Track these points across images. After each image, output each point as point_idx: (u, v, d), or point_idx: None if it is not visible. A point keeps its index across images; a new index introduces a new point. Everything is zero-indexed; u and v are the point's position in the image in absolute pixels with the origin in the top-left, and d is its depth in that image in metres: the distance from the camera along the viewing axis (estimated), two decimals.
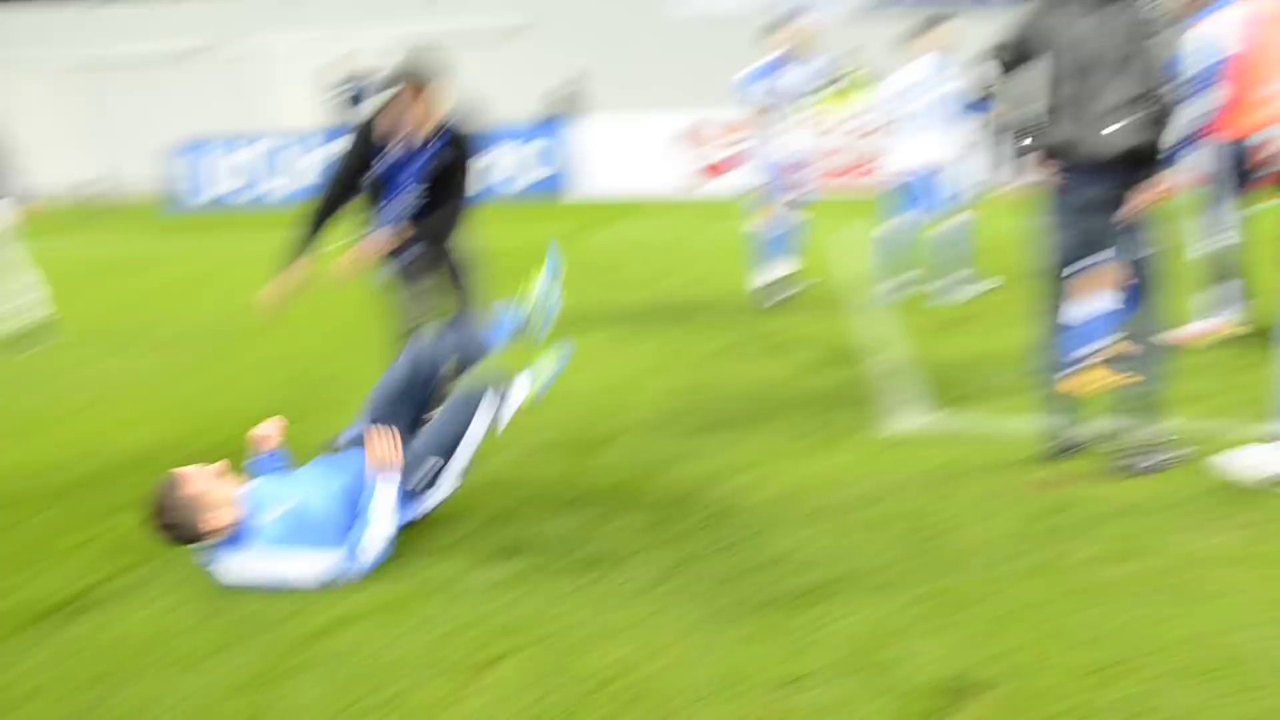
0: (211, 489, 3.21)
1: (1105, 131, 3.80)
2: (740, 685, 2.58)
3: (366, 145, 4.48)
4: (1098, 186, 3.86)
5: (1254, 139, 5.39)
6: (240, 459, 3.64)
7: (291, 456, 3.72)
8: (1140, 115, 3.79)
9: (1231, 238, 5.60)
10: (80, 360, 6.57)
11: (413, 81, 4.33)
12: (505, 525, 3.63)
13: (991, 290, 7.14)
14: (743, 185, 7.71)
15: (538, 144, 15.97)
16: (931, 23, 7.14)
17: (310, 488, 3.38)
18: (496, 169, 15.88)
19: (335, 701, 2.59)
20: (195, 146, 17.51)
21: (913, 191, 7.29)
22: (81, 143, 24.07)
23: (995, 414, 4.71)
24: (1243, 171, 5.48)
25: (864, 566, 3.23)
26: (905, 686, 2.55)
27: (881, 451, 4.30)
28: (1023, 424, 4.40)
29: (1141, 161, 3.82)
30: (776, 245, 7.23)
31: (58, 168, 23.63)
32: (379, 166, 4.46)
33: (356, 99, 14.56)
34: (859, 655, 2.70)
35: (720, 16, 19.02)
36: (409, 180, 4.53)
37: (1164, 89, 3.85)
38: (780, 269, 7.27)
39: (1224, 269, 5.64)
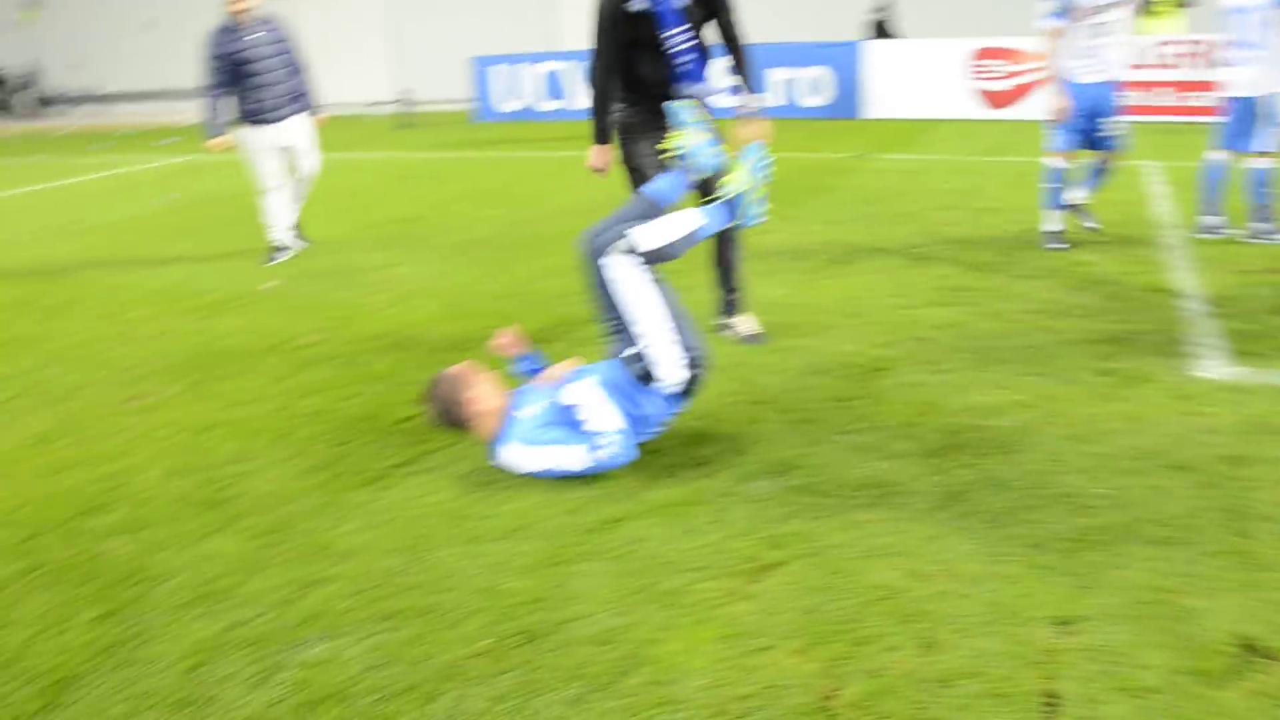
0: (474, 381, 3.55)
1: None
2: (1012, 620, 2.54)
3: None
4: None
5: None
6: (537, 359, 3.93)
7: (547, 359, 3.95)
8: None
9: None
10: (387, 261, 7.15)
11: None
12: (777, 444, 3.69)
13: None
14: (1038, 114, 7.25)
15: (832, 65, 15.68)
16: None
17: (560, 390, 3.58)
18: (792, 87, 15.78)
19: (614, 590, 2.76)
20: (494, 62, 18.28)
21: (1239, 123, 6.64)
22: (390, 59, 25.72)
23: None
24: None
25: (1152, 516, 3.06)
26: (1187, 642, 2.43)
27: (1179, 399, 4.01)
28: None
29: None
30: (1077, 180, 6.78)
31: (371, 83, 25.38)
32: None
33: None
34: (1140, 605, 2.59)
35: None
36: (675, 18, 4.51)
37: None
38: (1077, 204, 6.84)
39: None
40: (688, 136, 4.05)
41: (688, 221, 3.74)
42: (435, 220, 8.80)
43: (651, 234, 3.58)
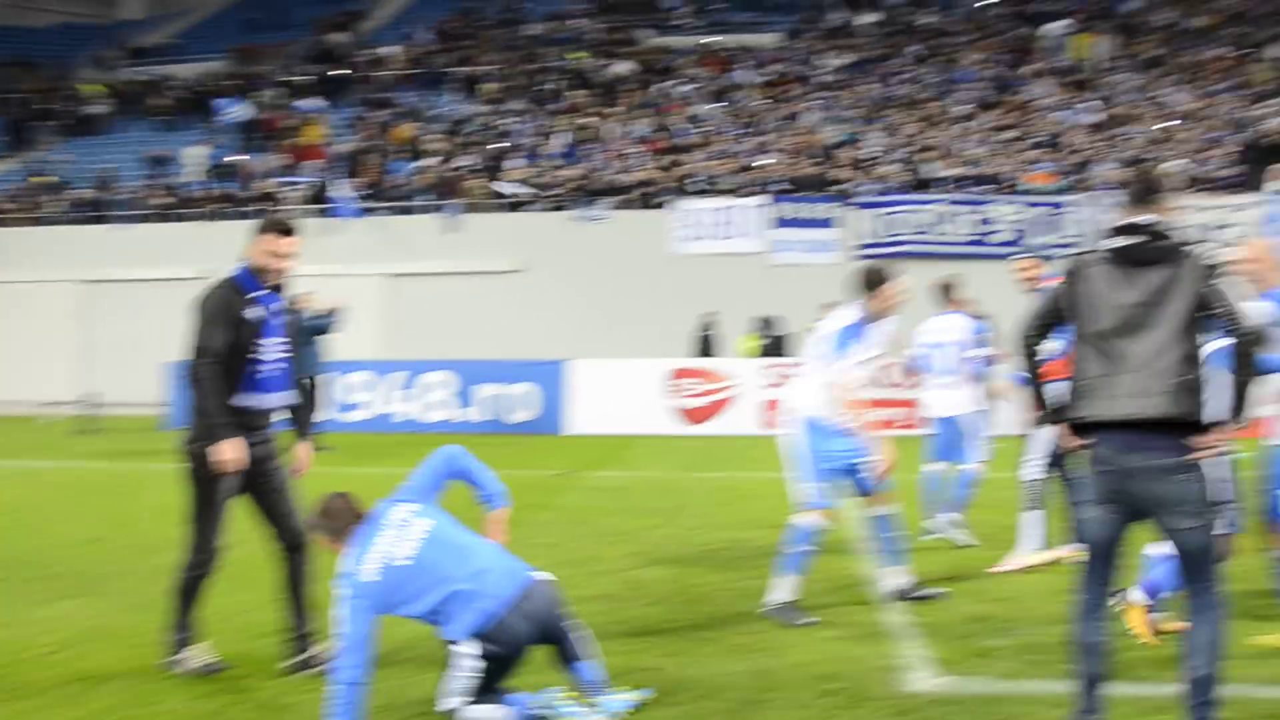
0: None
1: (1136, 400, 3.59)
2: None
3: (242, 295, 4.83)
4: (1127, 457, 3.64)
5: None
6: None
7: None
8: (1179, 381, 3.56)
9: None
10: (57, 593, 6.32)
11: (281, 228, 4.89)
12: None
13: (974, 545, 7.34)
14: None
15: (537, 382, 16.19)
16: (950, 286, 7.68)
17: None
18: (498, 403, 16.07)
19: None
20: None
21: (947, 439, 7.67)
22: (75, 357, 24.28)
23: (1011, 675, 4.64)
24: None
25: None
26: None
27: (898, 716, 4.16)
28: (1043, 686, 4.40)
29: (1178, 430, 3.60)
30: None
31: (51, 381, 23.71)
32: (258, 304, 4.82)
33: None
34: None
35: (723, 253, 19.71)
36: (277, 329, 4.92)
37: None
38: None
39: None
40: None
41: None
42: (119, 542, 7.99)
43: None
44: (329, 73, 28.04)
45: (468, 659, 3.86)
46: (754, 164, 21.61)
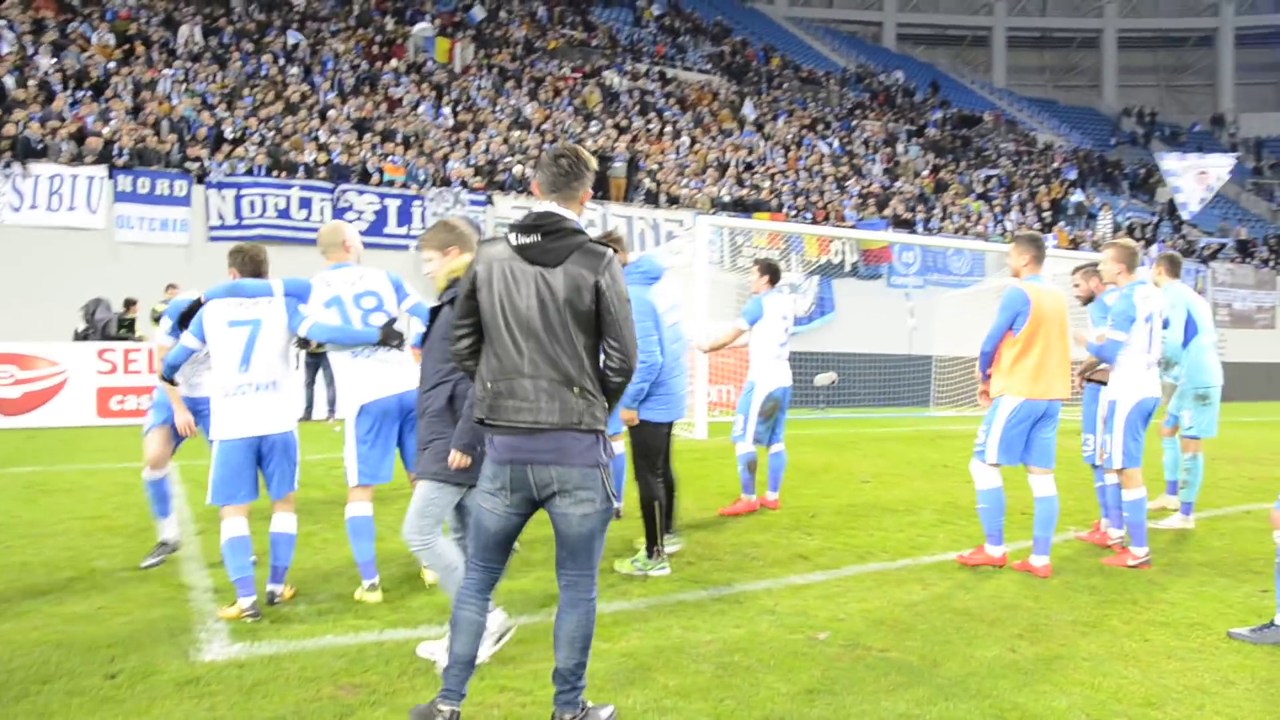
0: None
1: (529, 406, 3.56)
2: None
3: None
4: (526, 451, 3.59)
5: None
6: None
7: None
8: (572, 390, 3.56)
9: None
10: None
11: None
12: None
13: None
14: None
15: None
16: None
17: None
18: None
19: None
20: None
21: None
22: None
23: (302, 636, 4.93)
24: None
25: None
26: None
27: (186, 684, 4.26)
28: (330, 641, 4.82)
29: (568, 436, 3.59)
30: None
31: None
32: None
33: None
34: None
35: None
36: None
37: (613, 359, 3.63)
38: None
39: None
40: None
41: None
42: None
43: None
44: None
45: None
46: (97, 130, 19.74)
